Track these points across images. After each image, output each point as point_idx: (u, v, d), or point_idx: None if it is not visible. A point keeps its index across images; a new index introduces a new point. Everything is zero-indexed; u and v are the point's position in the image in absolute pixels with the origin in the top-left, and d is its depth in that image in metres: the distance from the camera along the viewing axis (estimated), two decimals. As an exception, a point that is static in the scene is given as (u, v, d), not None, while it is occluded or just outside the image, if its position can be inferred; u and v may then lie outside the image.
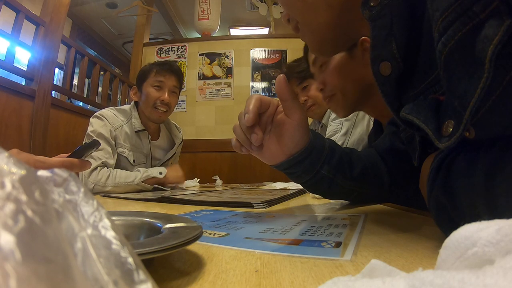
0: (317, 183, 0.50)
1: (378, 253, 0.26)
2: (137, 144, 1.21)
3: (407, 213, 0.51)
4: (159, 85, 1.19)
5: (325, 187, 0.51)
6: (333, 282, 0.13)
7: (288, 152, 0.46)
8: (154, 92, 1.18)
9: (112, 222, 0.12)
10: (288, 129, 0.45)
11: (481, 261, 0.12)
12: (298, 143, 0.46)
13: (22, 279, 0.07)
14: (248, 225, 0.40)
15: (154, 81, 1.19)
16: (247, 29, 4.23)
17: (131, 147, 1.20)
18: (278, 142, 0.46)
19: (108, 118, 1.15)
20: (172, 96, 1.22)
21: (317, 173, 0.49)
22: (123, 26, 3.96)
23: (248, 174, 2.36)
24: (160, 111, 1.19)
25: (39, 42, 1.88)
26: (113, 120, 1.16)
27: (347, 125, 1.10)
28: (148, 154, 1.25)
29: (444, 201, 0.28)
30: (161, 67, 1.22)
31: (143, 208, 0.69)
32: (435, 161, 0.29)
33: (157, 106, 1.18)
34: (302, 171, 0.48)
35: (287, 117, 0.44)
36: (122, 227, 0.26)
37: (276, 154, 0.47)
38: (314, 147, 0.47)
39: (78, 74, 2.43)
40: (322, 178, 0.49)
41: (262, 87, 2.64)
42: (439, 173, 0.29)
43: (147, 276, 0.10)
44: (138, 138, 1.22)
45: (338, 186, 0.51)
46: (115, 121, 1.17)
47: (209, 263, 0.24)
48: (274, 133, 0.46)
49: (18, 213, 0.08)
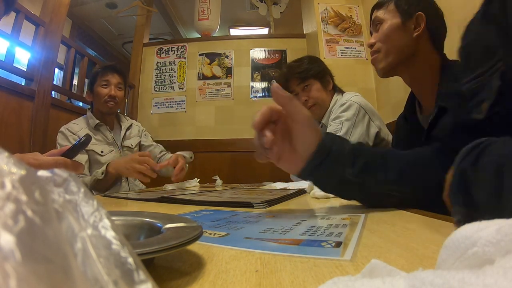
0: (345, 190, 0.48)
1: (378, 253, 0.26)
2: (100, 137, 1.42)
3: (407, 213, 0.51)
4: (106, 84, 1.42)
5: (355, 193, 0.49)
6: (333, 282, 0.13)
7: (303, 157, 0.46)
8: (102, 90, 1.41)
9: (112, 222, 0.12)
10: (296, 133, 0.45)
11: (481, 261, 0.12)
12: (309, 145, 0.45)
13: (22, 279, 0.07)
14: (248, 225, 0.40)
15: (101, 81, 1.42)
16: (247, 29, 4.24)
17: (96, 142, 1.39)
18: (293, 149, 0.46)
19: (68, 128, 1.37)
20: (118, 91, 1.44)
21: (342, 179, 0.46)
22: (123, 26, 3.96)
23: (248, 174, 2.36)
24: (110, 104, 1.41)
25: (39, 42, 1.88)
26: (73, 128, 1.38)
27: (347, 125, 1.10)
28: (112, 141, 1.45)
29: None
30: (104, 69, 1.46)
31: (143, 208, 0.69)
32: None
33: (107, 101, 1.41)
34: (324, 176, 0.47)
35: (292, 121, 0.44)
36: (122, 227, 0.26)
37: (294, 162, 0.46)
38: (330, 150, 0.46)
39: (78, 74, 2.43)
40: (348, 183, 0.47)
41: (262, 87, 2.64)
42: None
43: (147, 276, 0.10)
44: (99, 132, 1.43)
45: (370, 191, 0.48)
46: (76, 128, 1.39)
47: (209, 263, 0.24)
48: (287, 140, 0.46)
49: (18, 213, 0.08)
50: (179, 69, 2.73)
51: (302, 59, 1.29)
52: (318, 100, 1.23)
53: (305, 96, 1.23)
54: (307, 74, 1.23)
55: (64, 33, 2.16)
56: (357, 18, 2.31)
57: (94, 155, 1.36)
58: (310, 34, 2.54)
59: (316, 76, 1.24)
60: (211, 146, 2.48)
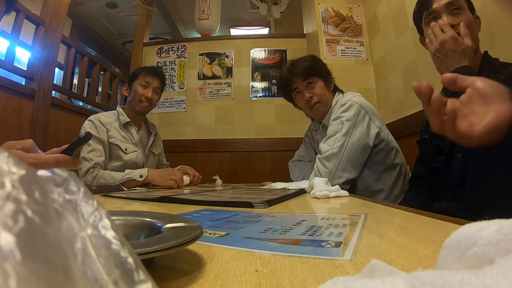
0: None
1: (378, 253, 0.26)
2: (126, 135, 1.46)
3: (407, 213, 0.51)
4: (145, 85, 1.48)
5: None
6: (333, 282, 0.13)
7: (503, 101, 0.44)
8: (141, 89, 1.47)
9: (112, 222, 0.12)
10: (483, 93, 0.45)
11: (481, 261, 0.12)
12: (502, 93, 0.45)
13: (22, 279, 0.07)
14: (248, 225, 0.40)
15: (142, 81, 1.48)
16: (247, 29, 4.23)
17: (122, 138, 1.44)
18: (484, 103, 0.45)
19: (99, 119, 1.39)
20: (154, 94, 1.50)
21: None
22: (123, 26, 3.96)
23: (248, 174, 2.36)
24: (144, 104, 1.47)
25: (39, 42, 1.88)
26: (103, 120, 1.41)
27: (347, 125, 1.10)
28: (138, 142, 1.49)
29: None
30: (148, 71, 1.51)
31: (143, 208, 0.69)
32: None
33: (142, 101, 1.46)
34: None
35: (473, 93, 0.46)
36: (122, 227, 0.26)
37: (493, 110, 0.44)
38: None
39: (78, 74, 2.43)
40: None
41: (262, 87, 2.63)
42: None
43: (147, 276, 0.10)
44: (126, 130, 1.47)
45: None
46: (105, 120, 1.42)
47: (209, 263, 0.24)
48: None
49: (18, 213, 0.08)
50: (179, 68, 2.73)
51: (305, 57, 1.29)
52: (322, 97, 1.23)
53: (309, 93, 1.23)
54: (312, 71, 1.23)
55: (64, 33, 2.16)
56: (358, 18, 2.31)
57: (118, 150, 1.40)
58: (310, 34, 2.54)
59: (320, 74, 1.24)
60: (211, 146, 2.48)
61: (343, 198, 0.75)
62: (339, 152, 1.07)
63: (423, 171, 0.90)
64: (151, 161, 1.57)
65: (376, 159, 1.13)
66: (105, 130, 1.38)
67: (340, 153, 1.07)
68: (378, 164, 1.13)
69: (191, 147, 2.49)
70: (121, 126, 1.45)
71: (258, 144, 2.45)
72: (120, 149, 1.41)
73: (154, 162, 1.59)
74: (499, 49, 1.00)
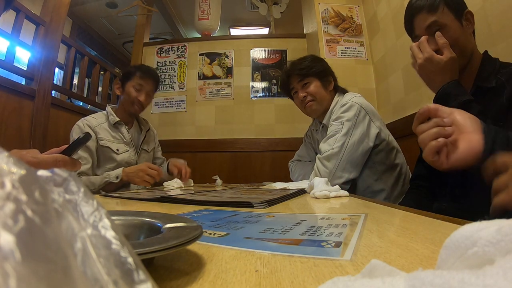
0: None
1: (378, 253, 0.26)
2: (117, 135, 1.43)
3: (407, 213, 0.51)
4: (139, 88, 1.43)
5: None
6: (333, 282, 0.13)
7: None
8: (134, 92, 1.42)
9: (112, 222, 0.12)
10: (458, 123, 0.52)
11: (481, 261, 0.12)
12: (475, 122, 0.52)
13: (22, 279, 0.07)
14: (248, 225, 0.40)
15: (135, 83, 1.43)
16: (247, 29, 4.23)
17: (113, 139, 1.41)
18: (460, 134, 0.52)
19: (87, 123, 1.37)
20: (147, 97, 1.47)
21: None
22: (123, 26, 3.96)
23: (248, 174, 2.36)
24: (137, 107, 1.45)
25: (39, 41, 1.88)
26: (92, 122, 1.38)
27: (348, 126, 1.10)
28: (129, 141, 1.46)
29: None
30: (143, 73, 1.46)
31: (143, 208, 0.69)
32: None
33: (134, 103, 1.43)
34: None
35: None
36: (122, 227, 0.26)
37: (471, 141, 0.50)
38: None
39: (78, 73, 2.44)
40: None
41: (262, 87, 2.63)
42: None
43: (147, 276, 0.10)
44: (117, 130, 1.44)
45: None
46: (94, 122, 1.39)
47: (209, 263, 0.24)
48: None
49: (18, 213, 0.08)
50: (179, 68, 2.73)
51: (305, 57, 1.30)
52: (316, 95, 1.23)
53: (304, 93, 1.24)
54: (308, 71, 1.23)
55: (65, 33, 2.16)
56: (358, 18, 2.31)
57: (109, 152, 1.38)
58: (310, 34, 2.54)
59: (317, 74, 1.24)
60: (211, 146, 2.48)
61: (343, 198, 0.75)
62: (339, 152, 1.08)
63: (423, 171, 0.90)
64: (144, 158, 1.54)
65: (377, 159, 1.14)
66: (93, 134, 1.35)
67: (340, 153, 1.08)
68: (378, 164, 1.13)
69: (191, 147, 2.49)
70: (111, 126, 1.42)
71: (258, 144, 2.45)
72: (112, 151, 1.38)
73: (148, 159, 1.56)
74: (499, 49, 1.00)
